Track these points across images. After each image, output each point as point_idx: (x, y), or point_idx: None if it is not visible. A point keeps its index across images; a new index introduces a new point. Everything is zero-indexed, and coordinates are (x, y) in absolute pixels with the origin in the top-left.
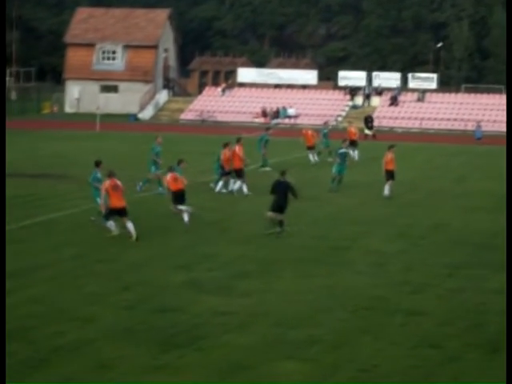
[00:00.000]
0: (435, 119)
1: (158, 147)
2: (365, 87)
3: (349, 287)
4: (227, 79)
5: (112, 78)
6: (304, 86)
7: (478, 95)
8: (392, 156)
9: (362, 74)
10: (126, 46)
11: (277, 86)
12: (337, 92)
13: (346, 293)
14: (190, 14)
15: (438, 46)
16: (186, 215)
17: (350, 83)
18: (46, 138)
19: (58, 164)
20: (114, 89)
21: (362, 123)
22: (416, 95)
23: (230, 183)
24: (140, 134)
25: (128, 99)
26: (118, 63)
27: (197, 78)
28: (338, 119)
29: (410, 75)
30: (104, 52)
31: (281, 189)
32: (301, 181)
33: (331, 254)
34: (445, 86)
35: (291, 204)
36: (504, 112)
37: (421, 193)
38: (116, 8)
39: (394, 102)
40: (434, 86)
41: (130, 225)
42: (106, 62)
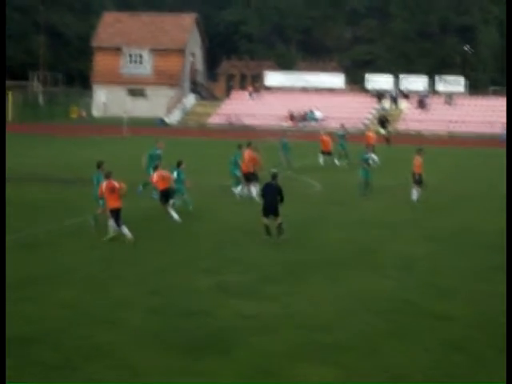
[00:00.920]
0: (463, 122)
1: (157, 150)
2: (392, 90)
3: (376, 291)
4: (254, 83)
5: (139, 83)
6: (331, 90)
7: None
8: (420, 159)
9: (389, 78)
10: (152, 51)
11: (304, 89)
12: (364, 95)
13: (373, 296)
14: (216, 17)
15: (466, 48)
16: (174, 213)
17: (377, 86)
18: (73, 143)
19: (86, 168)
20: (141, 93)
21: (377, 124)
22: (443, 98)
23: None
24: (167, 138)
25: (155, 103)
26: (145, 67)
27: (224, 82)
28: (365, 122)
29: (438, 78)
30: (131, 56)
31: (271, 192)
32: (326, 184)
33: (358, 258)
34: (472, 88)
35: (319, 207)
36: None
37: (448, 196)
38: (142, 12)
39: (421, 105)
40: (462, 88)
41: (111, 223)
42: (133, 66)
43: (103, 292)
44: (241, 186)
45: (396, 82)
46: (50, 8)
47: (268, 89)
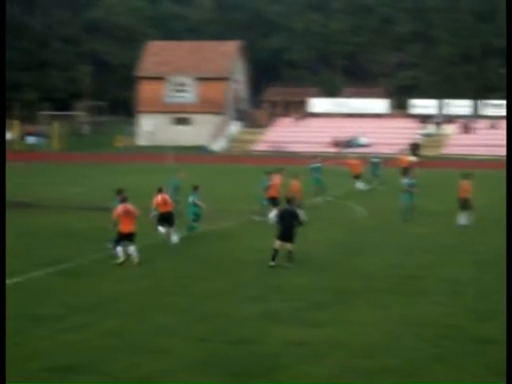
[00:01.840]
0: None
1: (177, 181)
2: (436, 115)
3: (423, 316)
4: (298, 110)
5: (184, 111)
6: (376, 115)
7: None
8: (468, 184)
9: (434, 102)
10: (197, 79)
11: (348, 115)
12: (408, 120)
13: (421, 322)
14: (260, 45)
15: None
16: (175, 236)
17: (422, 111)
18: (119, 171)
19: (131, 196)
20: (186, 121)
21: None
22: (488, 122)
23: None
24: (213, 165)
25: (200, 131)
26: (190, 96)
27: (268, 109)
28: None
29: (482, 102)
30: (175, 85)
31: (288, 216)
32: (371, 210)
33: (405, 283)
34: None
35: (363, 233)
36: None
37: (494, 220)
38: (186, 41)
39: (465, 129)
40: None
41: (132, 249)
42: (178, 94)
43: (149, 320)
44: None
45: (440, 107)
46: (94, 37)
47: (312, 115)
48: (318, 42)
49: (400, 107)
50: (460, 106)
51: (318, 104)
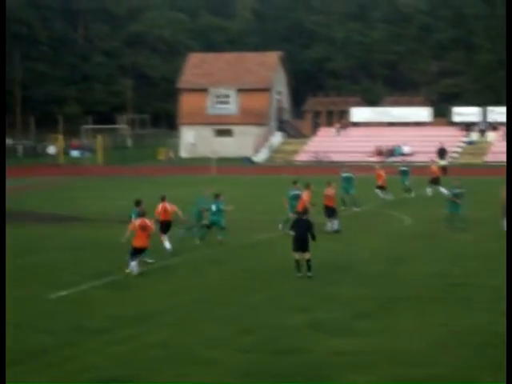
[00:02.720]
0: None
1: (203, 198)
2: (479, 123)
3: (468, 324)
4: (340, 119)
5: (226, 122)
6: (418, 124)
7: None
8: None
9: (476, 110)
10: (238, 90)
11: (391, 124)
12: (451, 128)
13: (466, 330)
14: (301, 55)
15: None
16: (168, 243)
17: (465, 119)
18: (162, 184)
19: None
20: (229, 133)
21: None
22: None
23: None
24: (255, 176)
25: (242, 142)
26: (232, 107)
27: (310, 119)
28: (453, 156)
29: None
30: (217, 96)
31: (301, 227)
32: (416, 218)
33: (449, 291)
34: None
35: (409, 241)
36: None
37: None
38: (228, 52)
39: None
40: None
41: (134, 262)
42: (220, 106)
43: (195, 332)
44: (329, 223)
45: (483, 114)
46: (135, 51)
47: (355, 124)
48: (358, 51)
49: (442, 115)
50: (503, 113)
51: (360, 113)
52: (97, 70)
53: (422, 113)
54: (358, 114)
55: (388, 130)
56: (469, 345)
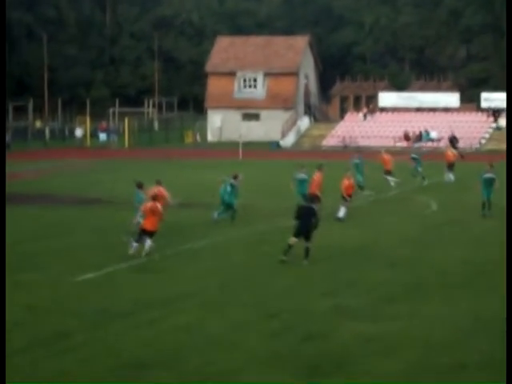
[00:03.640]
0: None
1: (236, 184)
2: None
3: (496, 311)
4: (368, 104)
5: (253, 106)
6: (446, 109)
7: None
8: None
9: (505, 95)
10: (266, 74)
11: (418, 109)
12: (480, 114)
13: (494, 317)
14: (329, 39)
15: None
16: None
17: (493, 105)
18: (189, 167)
19: (201, 192)
20: (256, 117)
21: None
22: None
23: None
24: (282, 161)
25: (269, 126)
26: (259, 91)
27: (338, 104)
28: (481, 141)
29: None
30: (245, 80)
31: (305, 214)
32: (443, 204)
33: (477, 278)
34: None
35: (436, 227)
36: None
37: None
38: (255, 36)
39: None
40: None
41: (148, 243)
42: (247, 90)
43: (221, 316)
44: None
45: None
46: (163, 34)
47: (382, 109)
48: (386, 36)
49: (471, 101)
50: None
51: (388, 98)
52: (124, 52)
53: (449, 98)
54: (386, 98)
55: (415, 116)
56: (498, 333)
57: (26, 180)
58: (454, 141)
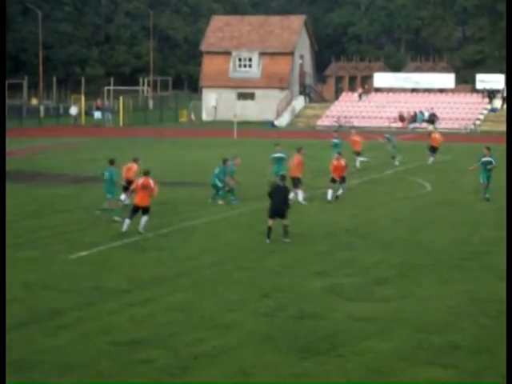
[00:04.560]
0: None
1: (233, 167)
2: (503, 90)
3: (490, 293)
4: (363, 84)
5: (248, 86)
6: (441, 90)
7: None
8: None
9: (500, 77)
10: (261, 54)
11: (413, 90)
12: (474, 95)
13: (487, 298)
14: (325, 19)
15: None
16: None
17: (488, 86)
18: (183, 146)
19: (196, 171)
20: (251, 96)
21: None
22: None
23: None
24: (277, 140)
25: (264, 106)
26: (254, 71)
27: (333, 84)
28: (476, 123)
29: None
30: (240, 60)
31: (279, 194)
32: (437, 185)
33: (471, 259)
34: None
35: (430, 208)
36: None
37: None
38: (251, 15)
39: None
40: None
41: (144, 219)
42: (242, 69)
43: (215, 295)
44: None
45: (507, 82)
46: (158, 12)
47: (377, 90)
48: (382, 16)
49: (466, 82)
50: None
51: (383, 79)
52: (120, 31)
53: (445, 79)
54: (381, 79)
55: (410, 96)
56: (491, 313)
57: (21, 158)
58: (433, 118)
